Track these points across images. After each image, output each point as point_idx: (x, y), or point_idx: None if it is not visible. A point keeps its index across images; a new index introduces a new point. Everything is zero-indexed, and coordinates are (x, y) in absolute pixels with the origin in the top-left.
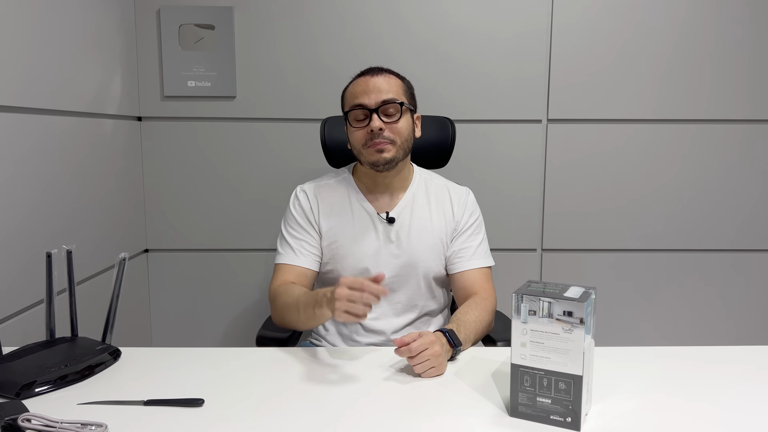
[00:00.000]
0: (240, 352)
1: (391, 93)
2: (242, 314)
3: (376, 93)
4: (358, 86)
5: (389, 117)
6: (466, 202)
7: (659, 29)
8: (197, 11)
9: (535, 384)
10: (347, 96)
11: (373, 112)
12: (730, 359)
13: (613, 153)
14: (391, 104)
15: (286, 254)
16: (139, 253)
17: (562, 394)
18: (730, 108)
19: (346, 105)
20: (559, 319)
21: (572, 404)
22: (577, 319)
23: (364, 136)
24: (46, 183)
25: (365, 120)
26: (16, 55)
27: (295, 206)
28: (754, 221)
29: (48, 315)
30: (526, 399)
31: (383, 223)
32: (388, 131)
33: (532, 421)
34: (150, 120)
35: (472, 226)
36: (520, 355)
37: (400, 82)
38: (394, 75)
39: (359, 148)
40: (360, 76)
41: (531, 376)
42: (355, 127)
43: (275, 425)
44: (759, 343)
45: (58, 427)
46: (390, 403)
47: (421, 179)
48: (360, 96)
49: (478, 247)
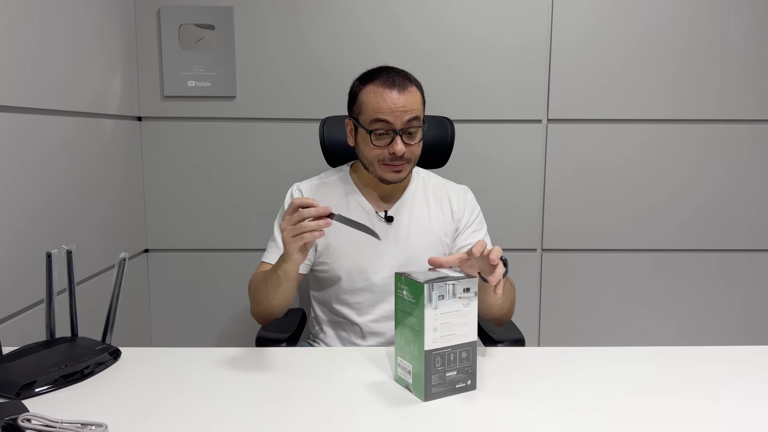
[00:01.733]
0: (240, 352)
1: (415, 112)
2: (242, 314)
3: (402, 113)
4: (383, 101)
5: (410, 137)
6: (465, 200)
7: (660, 29)
8: (197, 11)
9: (445, 362)
10: (369, 105)
11: (396, 134)
12: (730, 359)
13: (613, 153)
14: (414, 124)
15: (273, 253)
16: (139, 253)
17: (464, 363)
18: (730, 108)
19: (367, 116)
20: (460, 297)
21: (470, 367)
22: (472, 293)
23: (382, 154)
24: (45, 183)
25: (386, 137)
26: (16, 55)
27: None
28: (754, 221)
29: (48, 315)
30: (438, 379)
31: (381, 222)
32: (407, 152)
33: (443, 397)
34: (150, 120)
35: (474, 222)
36: (432, 340)
37: (420, 97)
38: (416, 86)
39: (374, 162)
40: (381, 86)
41: (441, 356)
42: (376, 145)
43: (275, 425)
44: (759, 343)
45: (58, 427)
46: (390, 404)
47: (420, 179)
48: (386, 113)
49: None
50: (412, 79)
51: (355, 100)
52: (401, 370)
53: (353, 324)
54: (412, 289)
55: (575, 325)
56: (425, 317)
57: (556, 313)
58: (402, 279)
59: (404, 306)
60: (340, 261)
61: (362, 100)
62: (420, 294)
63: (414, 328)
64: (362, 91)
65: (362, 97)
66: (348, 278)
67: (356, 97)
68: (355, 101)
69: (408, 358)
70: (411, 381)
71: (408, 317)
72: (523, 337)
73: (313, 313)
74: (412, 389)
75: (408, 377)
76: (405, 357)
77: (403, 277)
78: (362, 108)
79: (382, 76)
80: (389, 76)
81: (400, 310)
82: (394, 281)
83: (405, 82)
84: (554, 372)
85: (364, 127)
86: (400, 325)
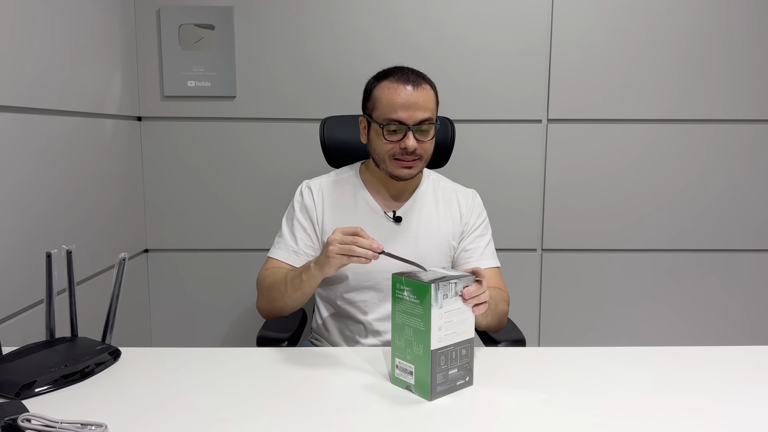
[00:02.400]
0: (240, 352)
1: (428, 111)
2: (242, 314)
3: (415, 110)
4: (398, 96)
5: (423, 135)
6: (473, 204)
7: (660, 29)
8: (197, 11)
9: (448, 360)
10: (383, 100)
11: (409, 130)
12: (730, 359)
13: (614, 153)
14: (427, 123)
15: (281, 250)
16: (139, 253)
17: (463, 360)
18: (731, 108)
19: (381, 112)
20: (460, 295)
21: (468, 364)
22: None
23: (394, 149)
24: (46, 183)
25: (398, 133)
26: (16, 55)
27: (298, 203)
28: (755, 221)
29: (48, 315)
30: (442, 378)
31: (390, 222)
32: (419, 149)
33: (445, 395)
34: (150, 120)
35: (480, 227)
36: (437, 339)
37: (434, 96)
38: (429, 85)
39: (385, 158)
40: (396, 81)
41: (445, 354)
42: (388, 140)
43: (276, 426)
44: (759, 343)
45: (58, 427)
46: (391, 404)
47: (430, 180)
48: (399, 110)
49: (485, 248)
50: (426, 78)
51: (370, 96)
52: (400, 371)
53: (358, 322)
54: (414, 290)
55: (575, 325)
56: (432, 317)
57: (556, 313)
58: (402, 280)
59: (405, 307)
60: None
61: (376, 96)
62: (425, 294)
63: (417, 329)
64: (377, 88)
65: (376, 92)
66: (355, 277)
67: (371, 93)
68: (370, 98)
69: (409, 359)
70: (413, 382)
71: (409, 318)
72: (524, 337)
73: (317, 311)
74: (414, 390)
75: (408, 378)
76: (405, 358)
77: (404, 278)
78: (376, 104)
79: (396, 74)
80: (404, 73)
81: (399, 312)
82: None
83: (419, 80)
84: (554, 372)
85: (377, 123)
86: (398, 326)
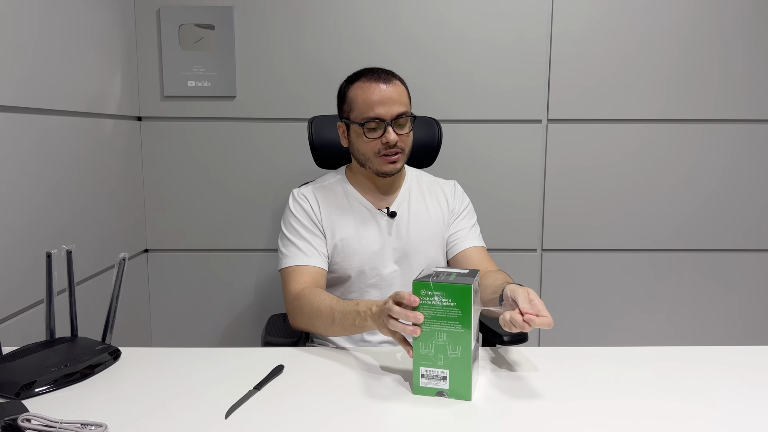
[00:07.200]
0: (240, 352)
1: (403, 105)
2: (242, 314)
3: (391, 105)
4: (373, 94)
5: (401, 128)
6: (455, 192)
7: (660, 29)
8: (197, 11)
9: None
10: (358, 100)
11: (388, 125)
12: (730, 359)
13: (614, 153)
14: (403, 116)
15: (295, 256)
16: (139, 253)
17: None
18: (730, 108)
19: (359, 112)
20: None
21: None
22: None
23: (377, 146)
24: (46, 183)
25: (378, 130)
26: (16, 54)
27: (296, 209)
28: (754, 221)
29: (48, 315)
30: (476, 375)
31: (385, 218)
32: (400, 142)
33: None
34: (150, 120)
35: (464, 210)
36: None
37: (405, 90)
38: (399, 81)
39: (370, 157)
40: (368, 81)
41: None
42: (369, 138)
43: (276, 426)
44: (759, 343)
45: (58, 427)
46: (395, 404)
47: (413, 175)
48: (376, 107)
49: (471, 228)
50: (397, 75)
51: (345, 99)
52: (427, 379)
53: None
54: (448, 293)
55: (575, 325)
56: (473, 317)
57: (556, 313)
58: (430, 285)
59: (436, 312)
60: (349, 259)
61: (352, 97)
62: (466, 296)
63: (453, 332)
64: (350, 89)
65: (351, 94)
66: (358, 275)
67: (345, 96)
68: (345, 100)
69: (441, 365)
70: (446, 387)
71: (442, 323)
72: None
73: None
74: (448, 394)
75: (441, 384)
76: (435, 365)
77: (431, 283)
78: (353, 105)
79: (368, 74)
80: (375, 72)
81: (427, 319)
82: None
83: (390, 77)
84: (554, 372)
85: (357, 123)
86: (425, 334)
